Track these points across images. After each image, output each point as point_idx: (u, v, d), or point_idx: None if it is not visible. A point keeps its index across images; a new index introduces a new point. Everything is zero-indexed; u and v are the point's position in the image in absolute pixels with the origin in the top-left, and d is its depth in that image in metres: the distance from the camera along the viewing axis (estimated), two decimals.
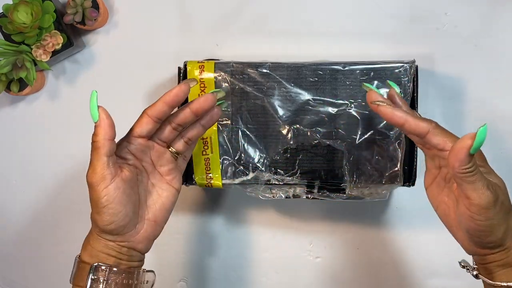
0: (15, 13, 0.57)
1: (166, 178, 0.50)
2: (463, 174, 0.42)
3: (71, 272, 0.49)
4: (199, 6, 0.63)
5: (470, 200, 0.43)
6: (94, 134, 0.46)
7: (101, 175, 0.46)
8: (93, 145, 0.46)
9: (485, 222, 0.43)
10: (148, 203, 0.49)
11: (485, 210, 0.42)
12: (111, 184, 0.46)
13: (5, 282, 0.69)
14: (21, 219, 0.68)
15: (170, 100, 0.46)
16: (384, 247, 0.65)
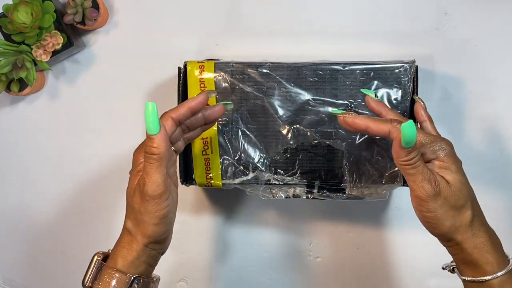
0: (15, 13, 0.57)
1: (173, 179, 0.50)
2: (402, 166, 0.44)
3: (87, 273, 0.48)
4: (199, 6, 0.63)
5: (412, 192, 0.45)
6: (154, 146, 0.44)
7: (164, 187, 0.45)
8: (154, 158, 0.45)
9: (427, 214, 0.45)
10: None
11: (425, 202, 0.44)
12: (170, 196, 0.47)
13: (5, 282, 0.69)
14: (21, 219, 0.68)
15: (194, 106, 0.48)
16: (384, 247, 0.65)
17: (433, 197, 0.44)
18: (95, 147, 0.66)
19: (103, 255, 0.49)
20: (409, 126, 0.42)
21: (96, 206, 0.66)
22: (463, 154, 0.62)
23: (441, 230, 0.46)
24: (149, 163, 0.45)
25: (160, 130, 0.44)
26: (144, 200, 0.45)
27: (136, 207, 0.46)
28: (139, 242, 0.47)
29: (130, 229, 0.47)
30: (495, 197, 0.62)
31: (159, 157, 0.44)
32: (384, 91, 0.55)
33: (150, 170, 0.45)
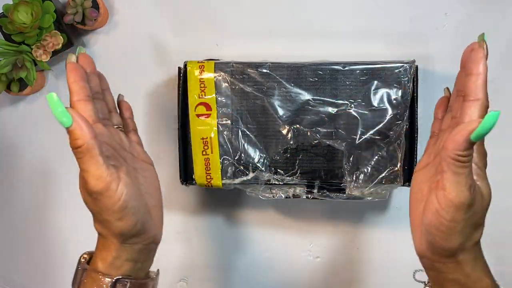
0: (15, 13, 0.57)
1: (141, 157, 0.47)
2: (452, 160, 0.38)
3: (74, 278, 0.45)
4: (199, 6, 0.63)
5: (444, 192, 0.39)
6: (75, 138, 0.39)
7: (107, 177, 0.41)
8: (81, 151, 0.40)
9: (448, 223, 0.39)
10: (143, 189, 0.46)
11: (454, 209, 0.39)
12: (121, 182, 0.42)
13: (5, 282, 0.69)
14: (21, 219, 0.68)
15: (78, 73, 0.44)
16: (384, 247, 0.65)
17: (466, 207, 0.39)
18: None
19: (88, 257, 0.46)
20: (495, 117, 0.37)
21: None
22: None
23: (449, 245, 0.40)
24: (80, 158, 0.40)
25: (74, 119, 0.39)
26: (94, 199, 0.41)
27: (93, 209, 0.43)
28: (113, 242, 0.43)
29: (100, 231, 0.44)
30: (496, 198, 0.62)
31: (86, 148, 0.39)
32: (384, 91, 0.55)
33: (84, 166, 0.40)
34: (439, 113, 0.48)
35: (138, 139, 0.51)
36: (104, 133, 0.44)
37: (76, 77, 0.44)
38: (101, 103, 0.48)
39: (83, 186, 0.42)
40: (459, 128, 0.38)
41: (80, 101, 0.43)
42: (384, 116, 0.55)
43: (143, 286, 0.45)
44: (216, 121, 0.56)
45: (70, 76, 0.44)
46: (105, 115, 0.47)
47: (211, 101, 0.56)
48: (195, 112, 0.56)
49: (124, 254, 0.44)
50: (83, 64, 0.46)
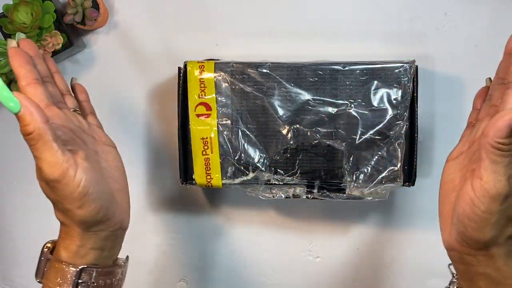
0: (15, 13, 0.57)
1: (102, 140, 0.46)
2: (492, 148, 0.36)
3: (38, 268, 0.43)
4: (199, 6, 0.63)
5: (481, 181, 0.37)
6: (24, 125, 0.37)
7: (62, 164, 0.38)
8: (31, 137, 0.37)
9: (482, 213, 0.38)
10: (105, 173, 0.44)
11: (490, 199, 0.37)
12: (79, 168, 0.39)
13: (5, 282, 0.69)
14: (21, 219, 0.68)
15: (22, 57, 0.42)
16: (384, 247, 0.65)
17: (503, 198, 0.37)
18: None
19: (51, 245, 0.44)
20: None
21: None
22: None
23: (482, 237, 0.39)
24: (32, 145, 0.37)
25: (22, 104, 0.36)
26: (51, 187, 0.39)
27: (52, 198, 0.41)
28: (76, 230, 0.41)
29: (62, 220, 0.42)
30: None
31: (38, 134, 0.37)
32: (384, 91, 0.55)
33: (37, 153, 0.38)
34: (478, 103, 0.46)
35: (97, 121, 0.49)
36: (59, 116, 0.42)
37: (20, 61, 0.41)
38: (53, 86, 0.45)
39: (39, 175, 0.39)
40: (501, 114, 0.36)
41: (30, 85, 0.41)
42: (384, 116, 0.55)
43: (111, 274, 0.43)
44: (216, 121, 0.56)
45: (14, 60, 0.41)
46: (59, 98, 0.45)
47: (211, 101, 0.56)
48: (195, 112, 0.56)
49: (88, 242, 0.41)
50: (25, 49, 0.44)
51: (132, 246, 0.67)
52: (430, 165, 0.62)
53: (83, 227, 0.41)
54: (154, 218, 0.66)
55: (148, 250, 0.67)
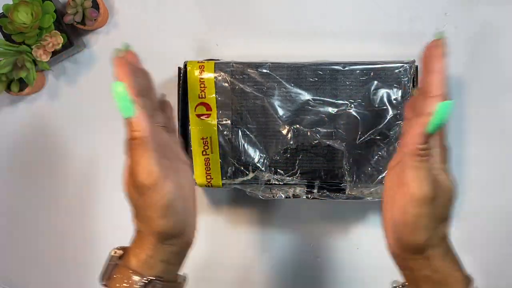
0: (15, 13, 0.57)
1: (182, 158, 0.46)
2: (411, 154, 0.39)
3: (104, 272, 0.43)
4: (199, 6, 0.63)
5: (407, 187, 0.39)
6: (133, 130, 0.39)
7: (157, 173, 0.40)
8: (136, 143, 0.40)
9: (412, 218, 0.39)
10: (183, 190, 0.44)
11: (417, 203, 0.39)
12: (168, 180, 0.40)
13: (5, 282, 0.69)
14: (21, 219, 0.68)
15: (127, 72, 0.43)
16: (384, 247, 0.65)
17: (428, 201, 0.39)
18: (95, 147, 0.66)
19: (119, 252, 0.44)
20: (447, 107, 0.37)
21: (96, 205, 0.66)
22: (463, 154, 0.62)
23: (416, 241, 0.40)
24: (134, 149, 0.40)
25: (136, 111, 0.39)
26: (140, 192, 0.40)
27: (136, 203, 0.42)
28: (151, 240, 0.42)
29: (139, 227, 0.43)
30: (496, 197, 0.62)
31: (142, 141, 0.39)
32: (384, 91, 0.55)
33: (136, 158, 0.40)
34: (409, 113, 0.48)
35: (177, 139, 0.49)
36: (155, 129, 0.43)
37: (125, 71, 0.43)
38: (149, 100, 0.46)
39: (131, 178, 0.41)
40: (417, 121, 0.38)
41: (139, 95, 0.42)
42: (384, 116, 0.55)
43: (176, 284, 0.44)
44: (216, 121, 0.56)
45: (119, 71, 0.43)
46: (152, 113, 0.46)
47: (211, 101, 0.56)
48: (195, 112, 0.56)
49: (159, 254, 0.42)
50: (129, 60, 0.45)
51: None
52: None
53: (159, 238, 0.42)
54: None
55: None
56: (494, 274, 0.63)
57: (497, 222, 0.63)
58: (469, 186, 0.62)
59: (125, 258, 0.43)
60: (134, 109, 0.39)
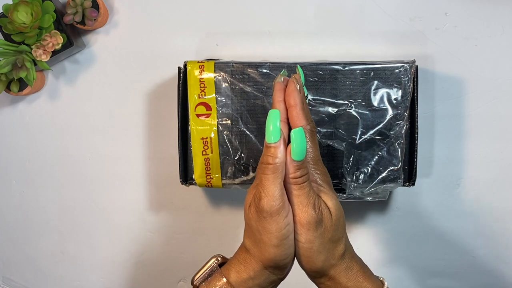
0: (15, 13, 0.57)
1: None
2: (290, 184, 0.41)
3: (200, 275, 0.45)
4: (199, 6, 0.63)
5: (294, 216, 0.41)
6: (271, 155, 0.41)
7: (282, 201, 0.40)
8: (270, 168, 0.41)
9: (304, 245, 0.41)
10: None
11: (305, 230, 0.41)
12: (290, 212, 0.41)
13: (5, 282, 0.69)
14: (21, 219, 0.68)
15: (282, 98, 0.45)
16: (384, 247, 0.65)
17: (314, 225, 0.40)
18: (95, 147, 0.66)
19: (221, 260, 0.46)
20: (299, 134, 0.40)
21: (96, 205, 0.66)
22: (463, 154, 0.62)
23: (315, 266, 0.42)
24: (265, 174, 0.41)
25: (280, 138, 0.41)
26: (260, 217, 0.41)
27: (253, 225, 0.42)
28: (258, 263, 0.43)
29: (249, 247, 0.44)
30: (496, 198, 0.62)
31: (275, 167, 0.41)
32: (384, 91, 0.55)
33: (266, 182, 0.41)
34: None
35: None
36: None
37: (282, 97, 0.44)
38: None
39: (256, 202, 0.42)
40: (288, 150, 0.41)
41: (283, 122, 0.44)
42: (384, 116, 0.55)
43: None
44: (216, 121, 0.56)
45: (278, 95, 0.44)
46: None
47: (211, 101, 0.56)
48: (195, 112, 0.56)
49: (259, 278, 0.43)
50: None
51: (132, 246, 0.67)
52: (430, 165, 0.62)
53: (266, 265, 0.43)
54: (154, 218, 0.66)
55: (148, 250, 0.67)
56: (494, 274, 0.64)
57: (497, 222, 0.63)
58: (469, 186, 0.62)
59: (226, 270, 0.45)
60: (279, 136, 0.41)
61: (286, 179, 0.41)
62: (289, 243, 0.42)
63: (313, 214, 0.40)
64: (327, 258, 0.42)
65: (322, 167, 0.44)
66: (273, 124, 0.41)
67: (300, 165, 0.41)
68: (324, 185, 0.43)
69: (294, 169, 0.41)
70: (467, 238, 0.63)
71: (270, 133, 0.41)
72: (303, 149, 0.40)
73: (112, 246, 0.67)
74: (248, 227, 0.44)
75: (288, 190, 0.41)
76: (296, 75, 0.45)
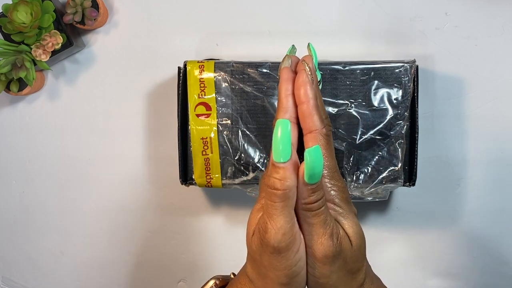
0: (15, 13, 0.57)
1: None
2: (303, 211, 0.33)
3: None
4: (199, 6, 0.63)
5: (307, 248, 0.34)
6: (279, 179, 0.32)
7: (292, 235, 0.33)
8: (277, 195, 0.33)
9: (318, 279, 0.35)
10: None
11: (320, 264, 0.34)
12: (301, 245, 0.34)
13: (5, 282, 0.69)
14: (21, 219, 0.68)
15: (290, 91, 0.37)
16: (384, 247, 0.65)
17: (332, 259, 0.34)
18: (95, 147, 0.65)
19: (220, 284, 0.40)
20: (315, 153, 0.31)
21: (96, 205, 0.66)
22: (463, 155, 0.62)
23: None
24: (272, 201, 0.33)
25: (291, 157, 0.32)
26: (266, 252, 0.34)
27: (257, 258, 0.35)
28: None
29: (252, 279, 0.37)
30: (497, 198, 0.62)
31: (285, 195, 0.32)
32: (384, 91, 0.55)
33: (273, 212, 0.33)
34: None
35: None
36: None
37: (289, 90, 0.36)
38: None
39: (260, 233, 0.34)
40: (299, 170, 0.33)
41: (292, 124, 0.35)
42: (385, 116, 0.55)
43: None
44: (216, 121, 0.56)
45: (284, 87, 0.36)
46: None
47: (211, 101, 0.56)
48: (195, 112, 0.56)
49: None
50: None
51: (132, 246, 0.67)
52: (430, 165, 0.62)
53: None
54: (154, 218, 0.66)
55: (148, 250, 0.67)
56: (495, 274, 0.64)
57: (497, 222, 0.63)
58: (469, 186, 0.62)
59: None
60: (290, 154, 0.32)
61: (297, 204, 0.34)
62: (300, 280, 0.35)
63: (330, 246, 0.33)
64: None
65: (339, 180, 0.37)
66: (283, 143, 0.32)
67: (315, 188, 0.33)
68: (343, 205, 0.37)
69: (308, 193, 0.33)
70: (467, 238, 0.63)
71: (279, 152, 0.32)
72: (319, 171, 0.32)
73: (112, 246, 0.67)
74: (251, 257, 0.37)
75: (300, 216, 0.34)
76: (306, 57, 0.37)
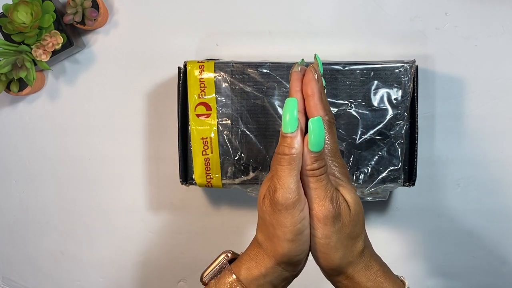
0: (15, 13, 0.57)
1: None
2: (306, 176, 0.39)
3: (208, 272, 0.43)
4: (199, 6, 0.63)
5: (310, 210, 0.39)
6: (287, 146, 0.39)
7: (298, 194, 0.38)
8: (286, 159, 0.39)
9: (320, 241, 0.39)
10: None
11: (322, 225, 0.39)
12: (306, 205, 0.39)
13: (5, 282, 0.69)
14: (21, 219, 0.68)
15: (299, 88, 0.43)
16: (384, 247, 0.65)
17: (332, 220, 0.38)
18: (95, 147, 0.65)
19: (231, 256, 0.44)
20: (317, 123, 0.38)
21: (96, 206, 0.66)
22: (463, 154, 0.62)
23: (332, 263, 0.40)
24: (281, 165, 0.39)
25: (297, 128, 0.39)
26: (275, 210, 0.39)
27: (267, 218, 0.40)
28: (270, 259, 0.41)
29: (261, 242, 0.42)
30: (496, 198, 0.62)
31: (291, 158, 0.39)
32: (384, 91, 0.55)
33: (281, 174, 0.39)
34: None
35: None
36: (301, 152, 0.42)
37: (299, 87, 0.43)
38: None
39: (270, 194, 0.40)
40: (304, 140, 0.39)
41: (300, 113, 0.42)
42: (384, 116, 0.55)
43: None
44: (216, 121, 0.56)
45: (294, 85, 0.43)
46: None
47: (211, 101, 0.56)
48: (195, 112, 0.56)
49: (271, 275, 0.41)
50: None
51: (132, 246, 0.67)
52: (430, 165, 0.62)
53: (279, 260, 0.41)
54: (154, 218, 0.66)
55: (148, 250, 0.67)
56: (495, 274, 0.64)
57: (497, 222, 0.63)
58: (469, 186, 0.62)
59: (236, 266, 0.42)
60: (296, 126, 0.39)
61: (302, 171, 0.39)
62: (304, 238, 0.40)
63: (330, 208, 0.38)
64: (344, 255, 0.40)
65: (340, 159, 0.42)
66: (290, 113, 0.39)
67: (318, 156, 0.39)
68: (342, 178, 0.41)
69: (311, 161, 0.39)
70: (467, 238, 0.63)
71: (287, 122, 0.39)
72: (321, 140, 0.38)
73: (112, 246, 0.67)
74: (261, 220, 0.42)
75: (305, 182, 0.39)
76: (314, 64, 0.43)
